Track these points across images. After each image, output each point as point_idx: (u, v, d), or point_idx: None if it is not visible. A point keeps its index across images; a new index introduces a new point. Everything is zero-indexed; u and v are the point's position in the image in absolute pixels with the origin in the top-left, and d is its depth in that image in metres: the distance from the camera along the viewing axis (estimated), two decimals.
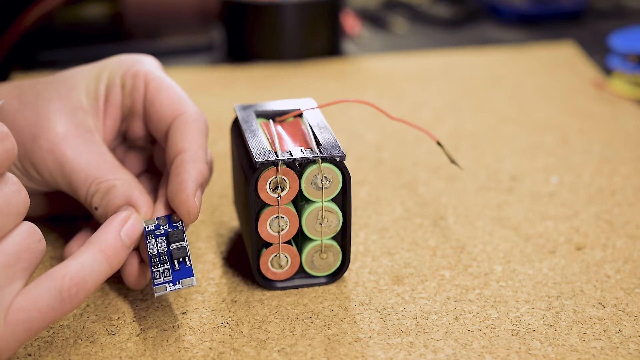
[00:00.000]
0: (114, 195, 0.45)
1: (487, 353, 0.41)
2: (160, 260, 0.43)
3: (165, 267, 0.43)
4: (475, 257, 0.49)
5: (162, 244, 0.43)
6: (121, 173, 0.46)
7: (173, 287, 0.42)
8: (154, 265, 0.43)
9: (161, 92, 0.48)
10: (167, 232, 0.44)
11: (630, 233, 0.52)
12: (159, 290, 0.42)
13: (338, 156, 0.44)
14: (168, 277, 0.42)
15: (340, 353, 0.41)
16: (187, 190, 0.44)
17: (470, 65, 0.82)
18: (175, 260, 0.43)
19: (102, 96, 0.48)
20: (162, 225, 0.44)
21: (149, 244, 0.43)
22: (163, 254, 0.43)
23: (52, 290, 0.37)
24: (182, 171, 0.45)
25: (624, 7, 1.00)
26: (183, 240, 0.43)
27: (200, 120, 0.47)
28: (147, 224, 0.44)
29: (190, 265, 0.43)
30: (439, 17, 0.95)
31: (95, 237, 0.41)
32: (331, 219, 0.45)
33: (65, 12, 0.90)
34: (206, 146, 0.47)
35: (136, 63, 0.49)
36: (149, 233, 0.44)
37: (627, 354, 0.41)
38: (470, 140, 0.65)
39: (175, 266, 0.43)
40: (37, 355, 0.41)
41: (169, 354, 0.41)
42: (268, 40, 0.82)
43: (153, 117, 0.48)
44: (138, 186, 0.46)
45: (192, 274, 0.42)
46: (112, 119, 0.48)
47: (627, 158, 0.62)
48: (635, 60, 0.73)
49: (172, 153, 0.46)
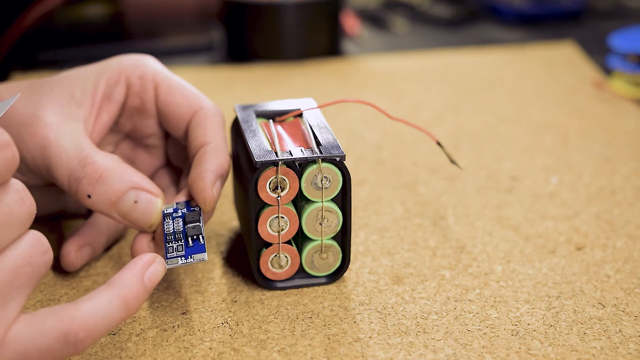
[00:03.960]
0: (111, 181, 0.44)
1: (487, 353, 0.41)
2: (175, 237, 0.43)
3: (179, 243, 0.43)
4: (475, 257, 0.49)
5: (179, 224, 0.44)
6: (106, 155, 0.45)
7: (185, 260, 0.43)
8: (168, 242, 0.43)
9: (174, 91, 0.48)
10: (184, 214, 0.45)
11: (630, 233, 0.52)
12: (170, 262, 0.42)
13: (338, 156, 0.44)
14: (181, 252, 0.43)
15: (340, 353, 0.41)
16: (205, 179, 0.44)
17: (470, 65, 0.82)
18: (189, 238, 0.43)
19: (100, 91, 0.48)
20: (181, 209, 0.45)
21: (166, 223, 0.44)
22: (178, 232, 0.44)
23: (56, 331, 0.35)
24: (203, 161, 0.45)
25: (624, 7, 1.00)
26: (199, 221, 0.44)
27: (218, 113, 0.48)
28: (167, 208, 0.45)
29: (204, 243, 0.43)
30: (439, 17, 0.95)
31: (117, 280, 0.38)
32: (331, 219, 0.45)
33: (65, 12, 0.90)
34: (226, 138, 0.47)
35: (141, 64, 0.49)
36: (166, 215, 0.45)
37: (627, 354, 0.41)
38: (470, 140, 0.65)
39: (189, 243, 0.43)
40: None
41: (169, 354, 0.41)
42: (268, 40, 0.82)
43: (170, 117, 0.48)
44: (133, 169, 0.45)
45: (205, 250, 0.43)
46: (108, 115, 0.48)
47: (627, 158, 0.62)
48: (635, 60, 0.73)
49: (195, 147, 0.46)
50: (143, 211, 0.44)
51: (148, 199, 0.44)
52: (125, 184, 0.44)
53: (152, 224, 0.44)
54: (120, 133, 0.50)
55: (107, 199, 0.43)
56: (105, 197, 0.43)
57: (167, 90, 0.48)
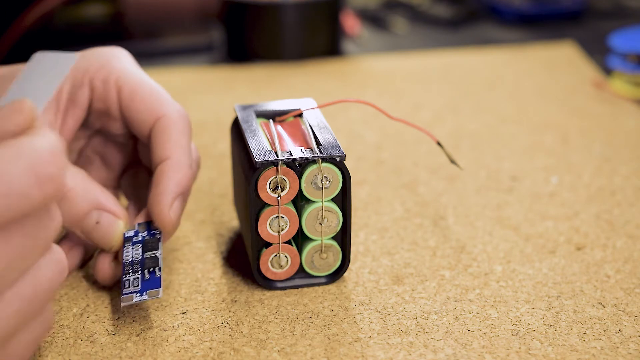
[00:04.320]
0: (75, 199, 0.43)
1: (487, 353, 0.41)
2: (133, 268, 0.43)
3: (135, 276, 0.43)
4: (475, 257, 0.49)
5: (138, 251, 0.44)
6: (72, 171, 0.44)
7: (139, 297, 0.42)
8: (126, 273, 0.43)
9: (136, 96, 0.46)
10: (144, 239, 0.44)
11: (630, 233, 0.52)
12: (125, 300, 0.42)
13: (338, 156, 0.44)
14: (137, 287, 0.42)
15: (340, 353, 0.41)
16: (161, 203, 0.44)
17: (470, 65, 0.82)
18: (145, 270, 0.43)
19: (64, 95, 0.47)
20: (141, 232, 0.45)
21: (125, 250, 0.44)
22: (137, 262, 0.43)
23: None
24: (160, 182, 0.44)
25: (624, 7, 1.00)
26: (157, 250, 0.44)
27: (180, 121, 0.46)
28: (127, 231, 0.45)
29: (160, 276, 0.43)
30: (439, 17, 0.95)
31: None
32: (331, 218, 0.45)
33: (65, 12, 0.90)
34: (189, 146, 0.46)
35: (106, 65, 0.47)
36: (127, 239, 0.44)
37: (627, 354, 0.41)
38: (470, 140, 0.65)
39: (145, 276, 0.43)
40: (37, 355, 0.41)
41: (169, 354, 0.41)
42: (268, 40, 0.82)
43: (132, 122, 0.47)
44: (98, 187, 0.44)
45: (160, 285, 0.42)
46: (74, 119, 0.47)
47: (627, 158, 0.62)
48: (635, 60, 0.73)
49: (155, 162, 0.45)
50: (104, 232, 0.44)
51: (110, 221, 0.44)
52: (88, 203, 0.43)
53: (112, 246, 0.44)
54: (90, 129, 0.49)
55: (70, 218, 0.43)
56: (69, 215, 0.43)
57: (128, 95, 0.46)
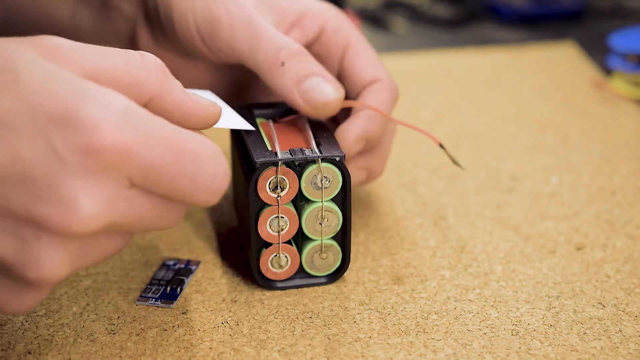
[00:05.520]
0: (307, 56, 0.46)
1: (487, 353, 0.41)
2: (159, 283, 0.47)
3: (158, 287, 0.46)
4: (475, 257, 0.49)
5: (170, 274, 0.47)
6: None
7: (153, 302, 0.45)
8: (152, 284, 0.47)
9: (361, 55, 0.49)
10: (179, 268, 0.48)
11: (630, 233, 0.52)
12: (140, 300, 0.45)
13: (338, 156, 0.44)
14: (155, 295, 0.46)
15: (340, 353, 0.41)
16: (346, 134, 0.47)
17: (470, 65, 0.82)
18: (169, 287, 0.46)
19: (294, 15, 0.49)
20: (179, 264, 0.48)
21: (160, 270, 0.48)
22: (165, 279, 0.47)
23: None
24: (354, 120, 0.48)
25: (624, 7, 1.00)
26: (187, 277, 0.47)
27: (393, 89, 0.49)
28: (168, 260, 0.48)
29: (179, 294, 0.46)
30: (439, 17, 0.95)
31: None
32: (331, 218, 0.45)
33: None
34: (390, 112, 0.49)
35: (341, 17, 0.50)
36: (166, 265, 0.48)
37: (627, 354, 0.41)
38: (471, 140, 0.65)
39: (167, 290, 0.46)
40: (37, 353, 0.41)
41: (169, 354, 0.41)
42: None
43: (349, 77, 0.49)
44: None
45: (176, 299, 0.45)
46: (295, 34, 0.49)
47: (627, 158, 0.62)
48: (635, 60, 0.73)
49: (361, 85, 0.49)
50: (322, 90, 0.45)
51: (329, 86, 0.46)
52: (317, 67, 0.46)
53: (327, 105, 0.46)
54: None
55: (297, 73, 0.45)
56: (297, 68, 0.45)
57: (354, 52, 0.49)
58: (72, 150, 0.33)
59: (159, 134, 0.34)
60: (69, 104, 0.33)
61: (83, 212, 0.33)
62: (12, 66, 0.33)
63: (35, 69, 0.33)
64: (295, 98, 0.46)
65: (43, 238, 0.33)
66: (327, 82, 0.46)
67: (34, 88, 0.33)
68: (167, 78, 0.38)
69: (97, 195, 0.33)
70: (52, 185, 0.33)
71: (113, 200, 0.34)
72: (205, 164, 0.36)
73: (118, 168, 0.34)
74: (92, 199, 0.33)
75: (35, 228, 0.33)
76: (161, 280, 0.47)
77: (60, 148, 0.32)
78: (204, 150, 0.36)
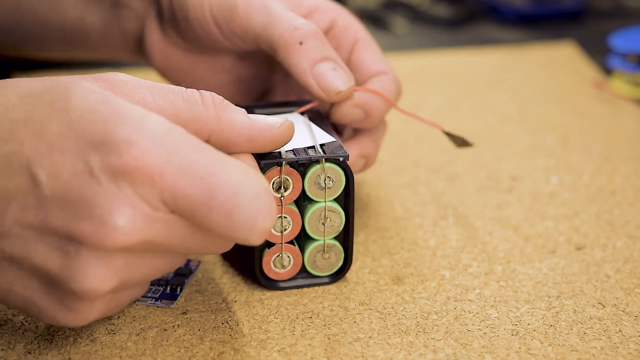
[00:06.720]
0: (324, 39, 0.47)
1: (487, 353, 0.41)
2: (159, 282, 0.46)
3: (158, 287, 0.46)
4: (475, 257, 0.49)
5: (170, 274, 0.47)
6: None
7: (152, 302, 0.45)
8: (152, 284, 0.46)
9: (369, 49, 0.51)
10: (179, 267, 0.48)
11: (630, 233, 0.52)
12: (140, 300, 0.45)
13: (341, 156, 0.44)
14: (155, 295, 0.46)
15: (340, 353, 0.41)
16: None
17: (470, 65, 0.82)
18: (169, 286, 0.46)
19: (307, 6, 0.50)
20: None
21: None
22: (165, 279, 0.46)
23: None
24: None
25: (624, 7, 1.00)
26: (187, 277, 0.47)
27: (397, 84, 0.50)
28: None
29: (179, 294, 0.46)
30: (439, 17, 0.95)
31: None
32: (334, 218, 0.45)
33: None
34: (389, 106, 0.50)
35: (349, 15, 0.51)
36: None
37: (627, 354, 0.41)
38: (470, 140, 0.65)
39: (166, 290, 0.46)
40: (37, 353, 0.41)
41: (169, 354, 0.41)
42: None
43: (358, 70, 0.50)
44: None
45: (175, 299, 0.45)
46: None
47: (627, 158, 0.62)
48: (635, 60, 0.73)
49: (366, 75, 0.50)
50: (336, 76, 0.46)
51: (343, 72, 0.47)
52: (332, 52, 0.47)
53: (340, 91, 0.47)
54: None
55: (314, 55, 0.46)
56: (314, 50, 0.46)
57: (363, 46, 0.51)
58: (105, 170, 0.34)
59: (197, 162, 0.35)
60: (109, 126, 0.35)
61: (116, 228, 0.34)
62: (67, 94, 0.35)
63: (90, 95, 0.35)
64: (309, 80, 0.46)
65: (83, 253, 0.35)
66: (340, 68, 0.46)
67: (81, 113, 0.35)
68: (225, 110, 0.39)
69: (129, 213, 0.35)
70: (89, 204, 0.34)
71: (148, 220, 0.35)
72: (244, 199, 0.36)
73: (148, 190, 0.35)
74: (125, 216, 0.35)
75: (75, 244, 0.35)
76: (161, 280, 0.46)
77: (96, 169, 0.34)
78: (244, 186, 0.36)
